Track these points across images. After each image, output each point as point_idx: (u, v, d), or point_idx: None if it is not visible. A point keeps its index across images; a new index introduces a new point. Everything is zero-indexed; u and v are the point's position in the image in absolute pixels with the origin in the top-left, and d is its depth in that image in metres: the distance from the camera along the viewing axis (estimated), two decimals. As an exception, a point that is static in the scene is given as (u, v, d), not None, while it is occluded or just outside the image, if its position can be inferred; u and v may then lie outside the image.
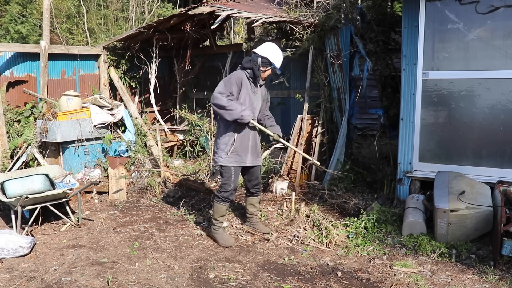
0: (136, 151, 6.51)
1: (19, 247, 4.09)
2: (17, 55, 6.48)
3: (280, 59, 4.29)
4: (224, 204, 4.36)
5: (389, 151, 6.00)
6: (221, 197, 4.33)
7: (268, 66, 4.22)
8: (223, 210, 4.38)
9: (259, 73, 4.19)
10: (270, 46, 4.27)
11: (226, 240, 4.33)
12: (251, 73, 4.21)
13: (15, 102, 6.52)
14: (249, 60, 4.22)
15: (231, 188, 4.30)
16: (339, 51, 5.95)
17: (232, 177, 4.28)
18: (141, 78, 8.09)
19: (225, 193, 4.30)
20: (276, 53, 4.24)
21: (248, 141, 4.29)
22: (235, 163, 4.26)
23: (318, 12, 6.37)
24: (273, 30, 8.36)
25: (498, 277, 3.53)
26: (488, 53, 4.56)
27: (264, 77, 4.30)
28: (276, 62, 4.23)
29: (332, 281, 3.55)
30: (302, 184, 6.04)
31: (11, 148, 6.22)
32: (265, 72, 4.25)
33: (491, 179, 4.52)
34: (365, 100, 6.51)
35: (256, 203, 4.65)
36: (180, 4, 15.21)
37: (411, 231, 4.27)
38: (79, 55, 7.20)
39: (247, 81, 4.21)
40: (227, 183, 4.29)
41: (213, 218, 4.42)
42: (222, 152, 4.25)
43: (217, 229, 4.41)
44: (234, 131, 4.22)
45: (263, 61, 4.18)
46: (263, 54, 4.19)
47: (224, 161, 4.25)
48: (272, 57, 4.21)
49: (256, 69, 4.18)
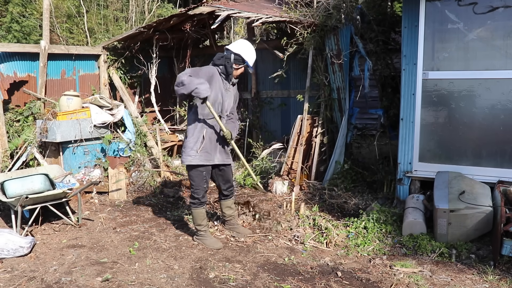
0: (136, 151, 6.51)
1: (19, 247, 4.09)
2: (17, 55, 6.48)
3: (253, 57, 4.18)
4: (202, 207, 4.27)
5: (389, 151, 6.00)
6: (196, 203, 4.23)
7: (241, 64, 4.12)
8: (202, 214, 4.29)
9: (231, 70, 4.08)
10: (243, 43, 4.17)
11: (214, 244, 4.26)
12: (223, 70, 4.09)
13: (15, 102, 6.52)
14: (221, 57, 4.11)
15: (203, 192, 4.21)
16: (339, 51, 5.95)
17: (204, 178, 4.17)
18: (141, 78, 8.09)
19: (198, 197, 4.20)
20: (249, 51, 4.14)
21: (216, 139, 4.16)
22: (205, 161, 4.12)
23: (318, 12, 6.36)
24: (273, 30, 8.36)
25: (498, 277, 3.53)
26: (488, 53, 4.56)
27: (236, 75, 4.17)
28: (249, 60, 4.13)
29: (332, 281, 3.55)
30: (302, 184, 6.04)
31: (11, 148, 6.22)
32: (237, 70, 4.14)
33: (491, 179, 4.52)
34: (365, 100, 6.51)
35: (232, 205, 4.55)
36: (180, 4, 15.21)
37: (411, 231, 4.27)
38: (79, 55, 7.19)
39: (219, 77, 4.09)
40: (199, 187, 4.18)
41: (195, 225, 4.33)
42: (191, 151, 4.09)
43: (203, 234, 4.33)
44: (202, 128, 4.09)
45: (236, 58, 4.07)
46: (236, 51, 4.08)
47: (193, 160, 4.09)
48: (245, 55, 4.10)
49: (229, 66, 4.06)
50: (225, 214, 4.57)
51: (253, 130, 7.98)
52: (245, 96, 8.19)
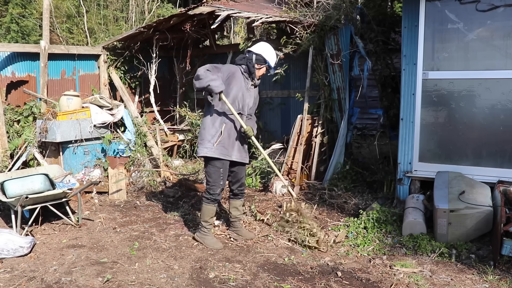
0: (136, 151, 6.51)
1: (19, 247, 4.09)
2: (17, 55, 6.48)
3: (274, 58, 4.27)
4: (214, 205, 4.27)
5: (389, 151, 6.00)
6: (210, 198, 4.22)
7: (263, 64, 4.20)
8: (213, 211, 4.29)
9: (253, 70, 4.16)
10: (265, 45, 4.27)
11: (214, 244, 4.25)
12: (245, 69, 4.17)
13: (15, 102, 6.52)
14: (243, 58, 4.21)
15: (220, 189, 4.20)
16: (339, 51, 5.95)
17: (221, 175, 4.16)
18: (141, 78, 8.09)
19: (214, 194, 4.20)
20: (270, 52, 4.24)
21: (235, 136, 4.17)
22: (221, 155, 4.09)
23: (318, 12, 6.37)
24: (273, 30, 8.36)
25: (498, 277, 3.53)
26: (488, 53, 4.56)
27: (258, 75, 4.25)
28: (270, 60, 4.22)
29: (332, 281, 3.55)
30: (302, 184, 6.04)
31: (11, 148, 6.22)
32: (259, 70, 4.22)
33: (491, 179, 4.52)
34: (365, 100, 6.51)
35: (240, 206, 4.52)
36: (180, 4, 15.21)
37: (411, 231, 4.27)
38: (79, 55, 7.19)
39: (241, 75, 4.15)
40: (216, 183, 4.18)
41: (202, 221, 4.30)
42: (208, 143, 4.08)
43: (207, 232, 4.31)
44: (222, 122, 4.11)
45: (257, 58, 4.17)
46: (257, 51, 4.19)
47: (208, 152, 4.08)
48: (267, 55, 4.20)
49: (251, 66, 4.15)
50: (231, 215, 4.54)
51: (253, 130, 7.97)
52: (245, 96, 8.17)
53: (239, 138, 4.20)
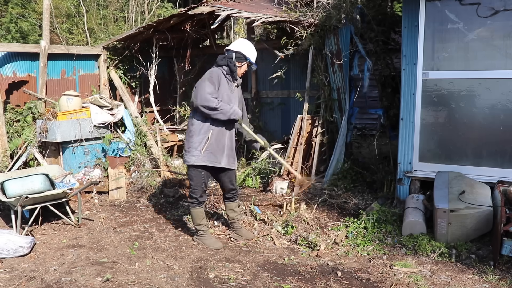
0: (135, 151, 6.51)
1: (19, 247, 4.09)
2: (17, 55, 6.48)
3: (254, 54, 4.25)
4: (200, 207, 4.27)
5: (389, 151, 6.00)
6: (194, 202, 4.24)
7: (244, 61, 4.19)
8: (201, 214, 4.29)
9: (235, 69, 4.14)
10: (243, 42, 4.26)
11: (213, 244, 4.26)
12: (227, 70, 4.14)
13: (15, 102, 6.52)
14: (223, 58, 4.17)
15: (201, 191, 4.21)
16: (339, 51, 5.94)
17: (203, 178, 4.17)
18: (141, 78, 8.09)
19: (196, 197, 4.21)
20: (249, 48, 4.22)
21: (224, 141, 4.16)
22: (208, 162, 4.10)
23: (318, 12, 6.37)
24: (272, 30, 8.36)
25: (498, 277, 3.53)
26: (488, 53, 4.56)
27: (240, 73, 4.24)
28: (250, 56, 4.21)
29: (332, 281, 3.55)
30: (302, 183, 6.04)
31: (11, 148, 6.22)
32: (241, 68, 4.21)
33: (491, 179, 4.52)
34: (365, 100, 6.51)
35: (236, 208, 4.51)
36: (180, 4, 15.20)
37: (411, 231, 4.27)
38: (79, 55, 7.19)
39: (224, 78, 4.13)
40: (197, 188, 4.19)
41: (195, 225, 4.33)
42: (195, 151, 4.07)
43: (203, 233, 4.32)
44: (209, 128, 4.08)
45: (237, 56, 4.15)
46: (236, 49, 4.17)
47: (197, 160, 4.08)
48: (246, 52, 4.18)
49: (232, 65, 4.12)
50: (228, 217, 4.56)
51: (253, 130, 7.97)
52: (245, 96, 8.17)
53: (227, 142, 4.18)
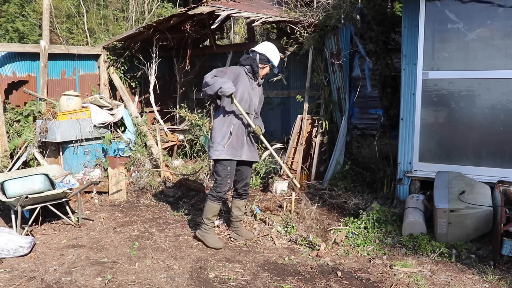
0: (136, 151, 6.51)
1: (19, 247, 4.09)
2: (17, 55, 6.48)
3: (278, 58, 4.31)
4: (218, 203, 4.29)
5: (389, 151, 6.00)
6: (216, 196, 4.25)
7: (266, 63, 4.25)
8: (216, 209, 4.31)
9: (257, 69, 4.22)
10: (268, 45, 4.31)
11: (215, 242, 4.26)
12: (249, 69, 4.23)
13: (15, 102, 6.52)
14: (247, 58, 4.26)
15: (227, 187, 4.24)
16: (339, 51, 5.94)
17: (229, 174, 4.21)
18: (141, 78, 8.09)
19: (220, 193, 4.23)
20: (274, 52, 4.28)
21: (244, 135, 4.24)
22: (232, 156, 4.16)
23: (318, 12, 6.37)
24: (272, 30, 8.36)
25: (498, 277, 3.53)
26: (488, 53, 4.56)
27: (262, 75, 4.29)
28: (274, 59, 4.26)
29: (332, 281, 3.55)
30: (302, 184, 6.04)
31: (11, 148, 6.22)
32: (263, 69, 4.27)
33: (491, 179, 4.52)
34: (365, 100, 6.51)
35: (242, 207, 4.51)
36: (180, 4, 15.21)
37: (411, 231, 4.27)
38: (79, 55, 7.20)
39: (245, 76, 4.21)
40: (223, 182, 4.22)
41: (204, 218, 4.33)
42: (219, 146, 4.15)
43: (208, 230, 4.33)
44: (230, 124, 4.17)
45: (261, 58, 4.21)
46: (261, 51, 4.23)
47: (221, 154, 4.14)
48: (270, 55, 4.24)
49: (255, 66, 4.20)
50: (232, 214, 4.53)
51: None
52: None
53: (247, 137, 4.27)
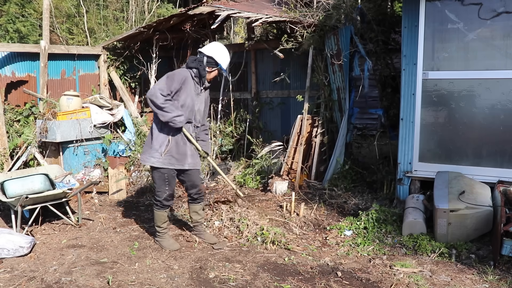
0: (136, 151, 6.51)
1: (19, 247, 4.09)
2: (17, 55, 6.48)
3: (227, 60, 4.14)
4: (164, 210, 4.19)
5: (389, 151, 6.00)
6: (158, 204, 4.16)
7: (214, 67, 4.06)
8: (164, 217, 4.22)
9: (204, 73, 4.03)
10: (216, 46, 4.13)
11: (171, 245, 4.22)
12: (196, 73, 4.03)
13: (15, 102, 6.53)
14: (194, 60, 4.06)
15: (166, 194, 4.11)
16: (339, 51, 5.94)
17: (166, 181, 4.07)
18: (141, 78, 8.09)
19: (161, 200, 4.12)
20: (222, 54, 4.09)
21: (185, 144, 4.06)
22: (169, 164, 4.00)
23: (318, 12, 6.37)
24: (273, 30, 8.36)
25: (498, 277, 3.53)
26: (488, 53, 4.56)
27: (209, 78, 4.12)
28: (222, 62, 4.08)
29: (332, 281, 3.55)
30: (302, 184, 6.04)
31: (11, 148, 6.22)
32: (210, 73, 4.09)
33: (491, 179, 4.52)
34: (365, 100, 6.51)
35: (200, 210, 4.39)
36: (180, 4, 15.20)
37: (411, 231, 4.27)
38: (79, 55, 7.20)
39: (191, 81, 4.01)
40: (161, 189, 4.09)
41: (156, 226, 4.27)
42: (156, 153, 3.97)
43: (162, 235, 4.27)
44: (169, 131, 3.99)
45: (208, 61, 4.02)
46: (209, 53, 4.04)
47: (156, 162, 3.97)
48: (218, 57, 4.05)
49: (202, 69, 4.02)
50: (192, 219, 4.45)
51: (253, 130, 7.98)
52: (245, 96, 8.19)
53: (189, 145, 4.10)
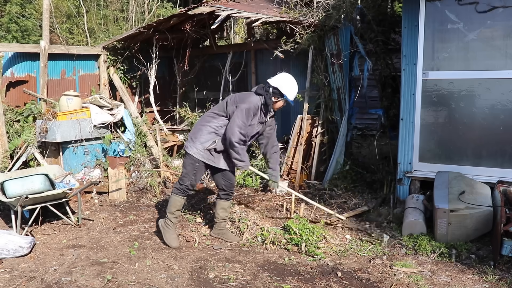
0: (136, 151, 6.50)
1: (19, 247, 4.09)
2: (17, 55, 6.48)
3: (294, 91, 4.21)
4: (182, 197, 4.29)
5: (389, 151, 6.00)
6: (179, 189, 4.24)
7: (279, 97, 4.17)
8: (180, 204, 4.31)
9: (270, 102, 4.16)
10: (284, 78, 4.22)
11: (171, 240, 4.27)
12: (263, 100, 4.17)
13: (15, 102, 6.52)
14: (262, 88, 4.20)
15: (189, 182, 4.23)
16: (339, 51, 5.94)
17: (195, 170, 4.19)
18: (141, 78, 8.09)
19: (183, 185, 4.22)
20: (288, 85, 4.17)
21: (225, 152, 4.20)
22: (207, 160, 4.16)
23: (318, 12, 6.37)
24: (272, 30, 8.37)
25: (498, 277, 3.53)
26: (488, 53, 4.56)
27: (275, 108, 4.25)
28: (288, 93, 4.16)
29: (332, 281, 3.55)
30: (302, 184, 6.04)
31: (11, 148, 6.22)
32: (276, 103, 4.21)
33: (491, 179, 4.52)
34: (365, 100, 6.51)
35: (228, 208, 4.48)
36: (180, 4, 15.20)
37: (411, 231, 4.27)
38: (79, 55, 7.19)
39: (260, 109, 4.17)
40: (187, 176, 4.22)
41: (168, 212, 4.32)
42: (200, 145, 4.15)
43: (168, 226, 4.31)
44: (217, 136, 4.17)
45: (274, 91, 4.14)
46: (274, 84, 4.14)
47: (197, 154, 4.14)
48: (284, 88, 4.15)
49: (268, 98, 4.14)
50: (218, 216, 4.47)
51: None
52: (245, 96, 8.18)
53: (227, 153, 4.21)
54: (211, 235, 4.53)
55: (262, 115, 4.21)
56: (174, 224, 4.38)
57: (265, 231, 4.37)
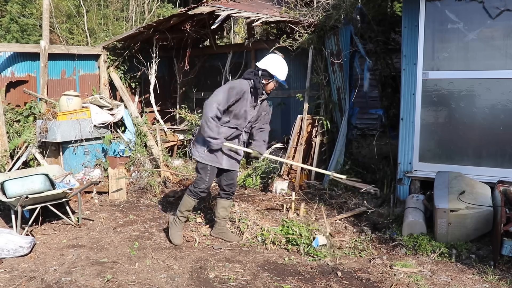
0: (136, 151, 6.51)
1: (19, 247, 4.09)
2: (17, 55, 6.48)
3: (284, 71, 4.17)
4: (194, 199, 4.32)
5: (389, 151, 6.00)
6: (193, 192, 4.28)
7: (270, 79, 4.14)
8: (191, 205, 4.34)
9: (260, 85, 4.12)
10: (271, 59, 4.17)
11: (176, 237, 4.33)
12: (252, 84, 4.14)
13: (15, 102, 6.52)
14: (250, 72, 4.19)
15: (204, 186, 4.26)
16: (339, 51, 5.94)
17: (208, 172, 4.23)
18: (141, 78, 8.09)
19: (197, 189, 4.26)
20: (277, 65, 4.13)
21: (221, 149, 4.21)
22: (210, 162, 4.19)
23: (318, 12, 6.37)
24: (272, 30, 8.37)
25: (498, 277, 3.53)
26: (488, 53, 4.56)
27: (268, 90, 4.21)
28: (277, 73, 4.12)
29: (332, 281, 3.55)
30: (302, 184, 6.04)
31: (11, 148, 6.22)
32: (267, 85, 4.17)
33: (491, 179, 4.52)
34: (365, 100, 6.51)
35: (228, 207, 4.49)
36: (180, 4, 15.20)
37: (411, 231, 4.27)
38: (79, 55, 7.19)
39: (249, 93, 4.14)
40: (201, 180, 4.26)
41: (178, 210, 4.38)
42: (201, 148, 4.19)
43: (177, 223, 4.37)
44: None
45: (263, 73, 4.11)
46: (262, 66, 4.12)
47: (200, 158, 4.20)
48: (273, 69, 4.10)
49: (257, 82, 4.12)
50: (218, 215, 4.48)
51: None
52: (245, 96, 8.18)
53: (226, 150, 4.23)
54: (211, 235, 4.53)
55: (252, 99, 4.18)
56: (182, 223, 4.42)
57: (265, 231, 4.37)
